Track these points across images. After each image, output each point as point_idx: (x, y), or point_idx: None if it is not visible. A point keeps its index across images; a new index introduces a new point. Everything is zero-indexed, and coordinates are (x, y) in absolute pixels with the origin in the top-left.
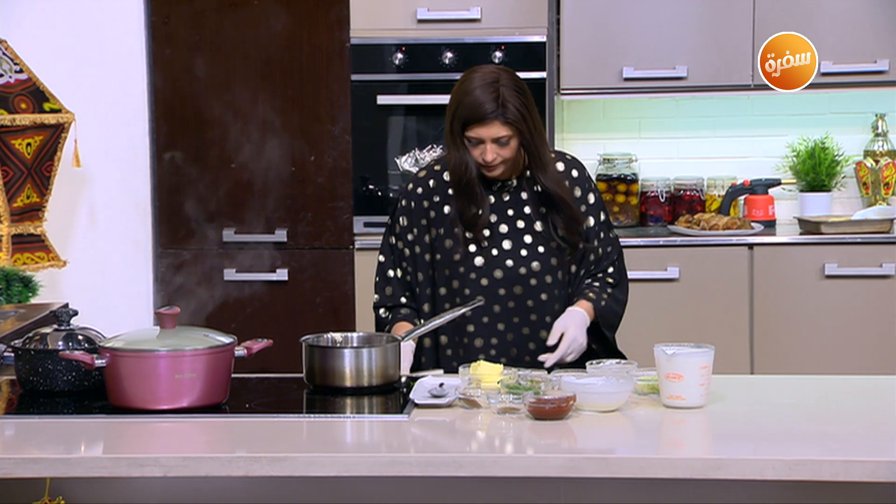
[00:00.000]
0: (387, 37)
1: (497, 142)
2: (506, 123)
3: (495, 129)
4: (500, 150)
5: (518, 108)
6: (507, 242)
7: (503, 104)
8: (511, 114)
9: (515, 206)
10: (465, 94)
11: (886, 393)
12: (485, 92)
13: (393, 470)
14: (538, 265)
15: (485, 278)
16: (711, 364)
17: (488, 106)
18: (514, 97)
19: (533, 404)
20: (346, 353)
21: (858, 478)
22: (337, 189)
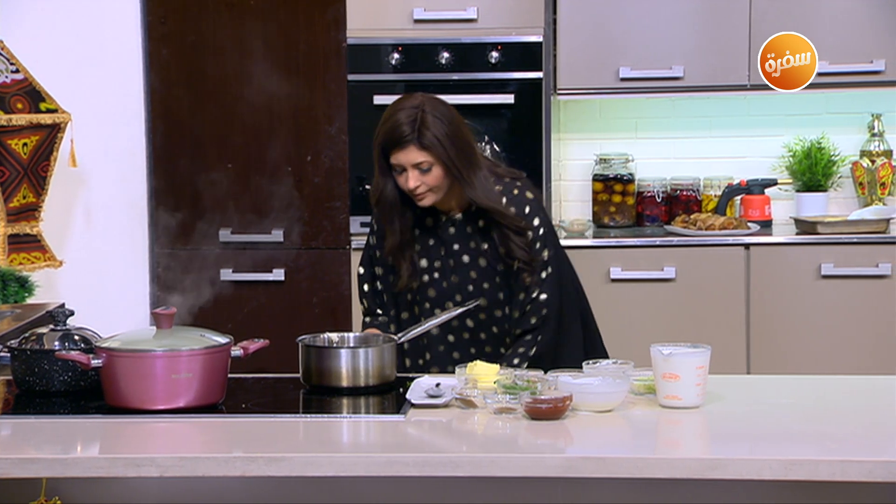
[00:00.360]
0: (383, 37)
1: (418, 167)
2: (422, 149)
3: (413, 155)
4: (424, 178)
5: (437, 134)
6: (455, 277)
7: (419, 129)
8: (427, 139)
9: (460, 240)
10: (385, 121)
11: (884, 393)
12: (403, 117)
13: (390, 470)
14: (485, 300)
15: (438, 308)
16: (708, 364)
17: (405, 129)
18: (435, 123)
19: (529, 404)
20: (342, 353)
21: (856, 478)
22: (333, 189)
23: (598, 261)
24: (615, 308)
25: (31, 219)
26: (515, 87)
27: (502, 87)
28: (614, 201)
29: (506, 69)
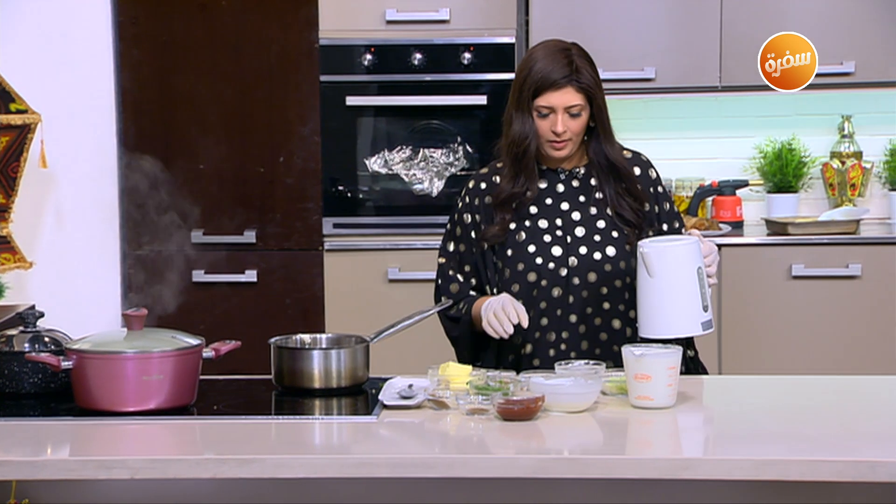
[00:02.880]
0: (356, 38)
1: (568, 112)
2: (579, 90)
3: (568, 97)
4: (570, 123)
5: (591, 74)
6: (581, 229)
7: (577, 69)
8: (585, 79)
9: (586, 192)
10: (536, 61)
11: (854, 393)
12: (557, 58)
13: (362, 471)
14: (613, 250)
15: (563, 268)
16: (679, 364)
17: (562, 71)
18: (587, 65)
19: (502, 405)
20: (314, 354)
21: (825, 477)
22: (306, 190)
23: None
24: None
25: (1, 220)
26: (488, 89)
27: (475, 88)
28: None
29: (478, 70)
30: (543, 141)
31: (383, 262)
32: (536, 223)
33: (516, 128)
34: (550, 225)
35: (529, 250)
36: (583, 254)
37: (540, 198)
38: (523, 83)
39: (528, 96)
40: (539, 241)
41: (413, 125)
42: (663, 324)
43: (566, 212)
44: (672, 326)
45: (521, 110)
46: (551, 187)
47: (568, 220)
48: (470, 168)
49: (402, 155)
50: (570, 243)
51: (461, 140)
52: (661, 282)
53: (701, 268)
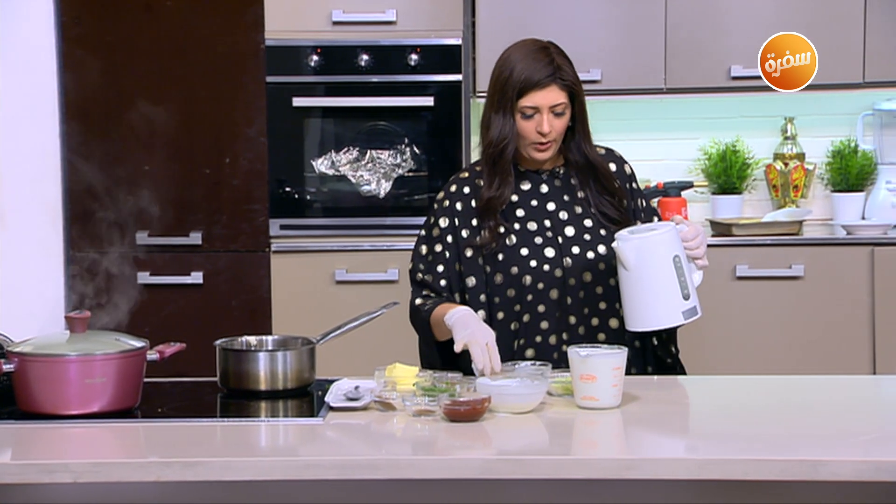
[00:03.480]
0: (302, 39)
1: (553, 111)
2: (563, 88)
3: (553, 95)
4: (555, 122)
5: (572, 72)
6: (570, 229)
7: (559, 67)
8: (568, 76)
9: (569, 192)
10: (517, 62)
11: (797, 392)
12: (538, 57)
13: (308, 473)
14: (604, 248)
15: (558, 268)
16: (624, 365)
17: (545, 70)
18: (566, 63)
19: (448, 406)
20: (260, 356)
21: (769, 476)
22: (253, 191)
23: None
24: None
25: None
26: (435, 90)
27: (422, 89)
28: None
29: (425, 72)
30: (527, 143)
31: (331, 263)
32: (525, 226)
33: (495, 130)
34: (540, 226)
35: (522, 253)
36: (576, 253)
37: (525, 200)
38: (505, 85)
39: (511, 97)
40: (531, 243)
41: (360, 126)
42: (644, 316)
43: (553, 212)
44: (652, 318)
45: (504, 112)
46: (535, 188)
47: (556, 221)
48: (417, 169)
49: (350, 156)
50: (562, 244)
51: (408, 141)
52: (637, 274)
53: (679, 255)
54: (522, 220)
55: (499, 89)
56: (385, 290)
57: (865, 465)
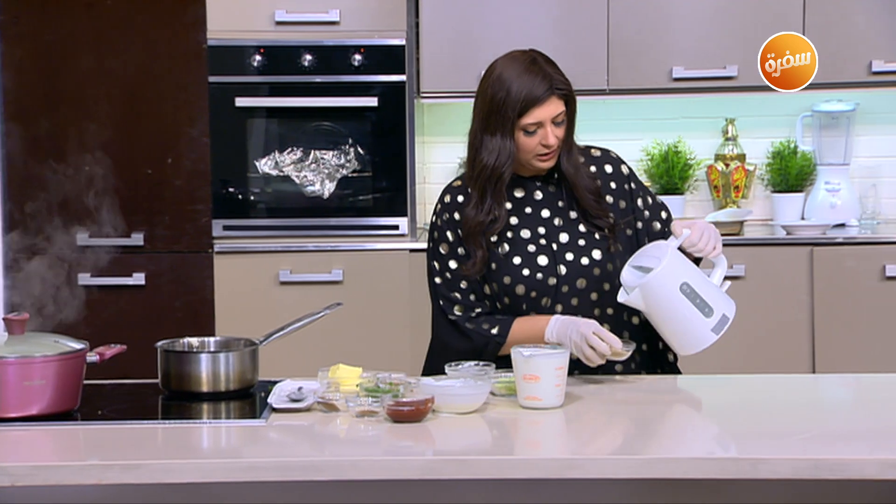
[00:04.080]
0: (245, 39)
1: (554, 122)
2: (561, 97)
3: (553, 107)
4: (557, 132)
5: (563, 78)
6: (564, 235)
7: (551, 77)
8: (562, 85)
9: (563, 197)
10: (512, 80)
11: (737, 391)
12: (531, 73)
13: (250, 475)
14: (599, 253)
15: (551, 277)
16: (567, 365)
17: (542, 83)
18: (555, 70)
19: (391, 407)
20: (202, 357)
21: (708, 475)
22: (195, 192)
23: None
24: None
25: None
26: (379, 90)
27: (366, 89)
28: None
29: (369, 72)
30: (531, 157)
31: (274, 264)
32: (519, 233)
33: (491, 155)
34: (533, 234)
35: (515, 262)
36: (569, 260)
37: (519, 207)
38: (503, 106)
39: (511, 118)
40: (523, 251)
41: (304, 127)
42: (681, 345)
43: (548, 219)
44: (687, 346)
45: (502, 134)
46: (529, 195)
47: (551, 228)
48: (362, 170)
49: (293, 156)
50: (556, 251)
51: (352, 142)
52: (653, 314)
53: (686, 281)
54: (516, 228)
55: (495, 111)
56: (329, 291)
57: (804, 463)
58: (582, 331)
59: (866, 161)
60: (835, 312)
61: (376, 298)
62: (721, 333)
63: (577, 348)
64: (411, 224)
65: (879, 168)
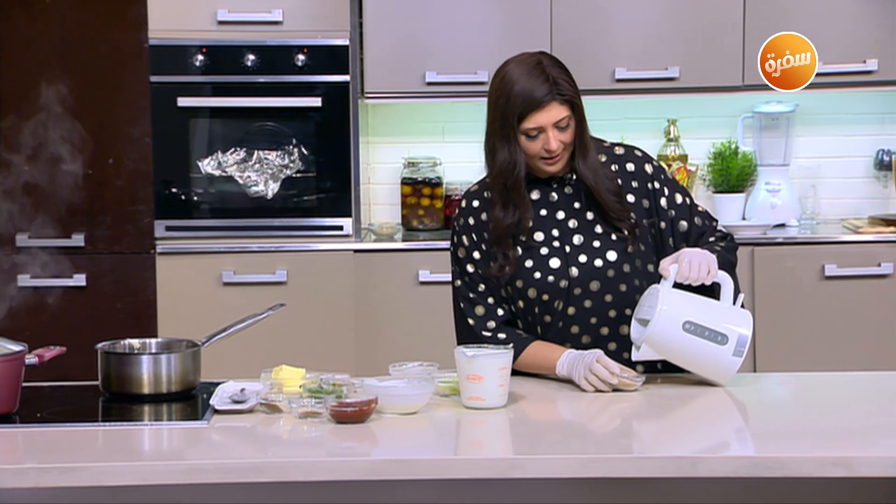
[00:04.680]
0: (187, 38)
1: (557, 126)
2: (563, 102)
3: (554, 112)
4: (562, 136)
5: (568, 82)
6: (578, 237)
7: (555, 82)
8: (565, 90)
9: (580, 198)
10: (513, 84)
11: (678, 391)
12: (532, 76)
13: (191, 477)
14: (614, 254)
15: (563, 280)
16: (510, 365)
17: (542, 88)
18: (562, 74)
19: (334, 408)
20: (143, 359)
21: (649, 474)
22: (137, 192)
23: (406, 263)
24: (425, 310)
25: None
26: (323, 91)
27: (309, 90)
28: (423, 204)
29: (312, 72)
30: (536, 159)
31: (218, 265)
32: (532, 236)
33: (503, 157)
34: (547, 237)
35: (527, 265)
36: (582, 262)
37: (534, 209)
38: (505, 109)
39: (512, 123)
40: (536, 254)
41: (247, 127)
42: (713, 378)
43: (562, 221)
44: (717, 377)
45: (507, 137)
46: (544, 197)
47: (565, 230)
48: (306, 170)
49: (237, 157)
50: (569, 253)
51: (296, 142)
52: (672, 357)
53: (688, 320)
54: (529, 231)
55: (499, 115)
56: (273, 292)
57: (743, 461)
58: (586, 361)
59: (806, 162)
60: (775, 312)
61: (320, 299)
62: (744, 355)
63: (585, 382)
64: (356, 224)
65: (819, 169)
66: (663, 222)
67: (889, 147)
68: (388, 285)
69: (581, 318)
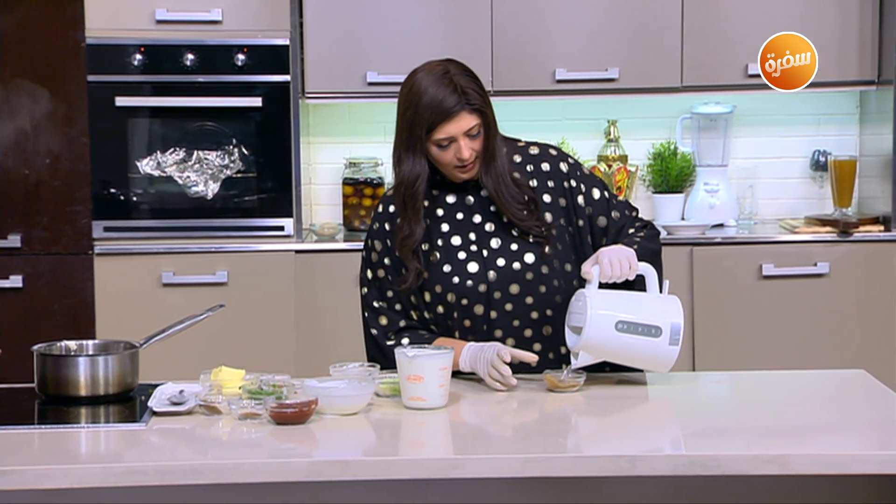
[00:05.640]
0: (125, 37)
1: (468, 135)
2: (473, 111)
3: (465, 122)
4: (473, 144)
5: (477, 90)
6: (496, 240)
7: (463, 91)
8: (474, 99)
9: (482, 210)
10: (421, 96)
11: (617, 391)
12: (441, 86)
13: (129, 480)
14: (532, 257)
15: (482, 284)
16: (451, 365)
17: (451, 98)
18: (470, 82)
19: (274, 409)
20: (80, 361)
21: (588, 473)
22: (75, 193)
23: (348, 264)
24: None
25: None
26: (263, 91)
27: (249, 90)
28: (364, 205)
29: (253, 72)
30: (450, 168)
31: (157, 266)
32: (449, 241)
33: (406, 168)
34: (464, 241)
35: (445, 270)
36: (501, 266)
37: (451, 213)
38: (413, 121)
39: (420, 134)
40: (454, 259)
41: (186, 127)
42: (655, 369)
43: (479, 225)
44: (657, 369)
45: (413, 149)
46: (460, 201)
47: (482, 233)
48: (246, 170)
49: (176, 157)
50: (487, 257)
51: (236, 142)
52: (610, 359)
53: (620, 320)
54: (446, 235)
55: (406, 127)
56: (213, 293)
57: (681, 460)
58: (487, 357)
59: (744, 162)
60: (713, 311)
61: (261, 300)
62: (679, 343)
63: (490, 379)
64: (297, 225)
65: (756, 169)
66: (581, 220)
67: (825, 148)
68: (330, 286)
69: (503, 322)
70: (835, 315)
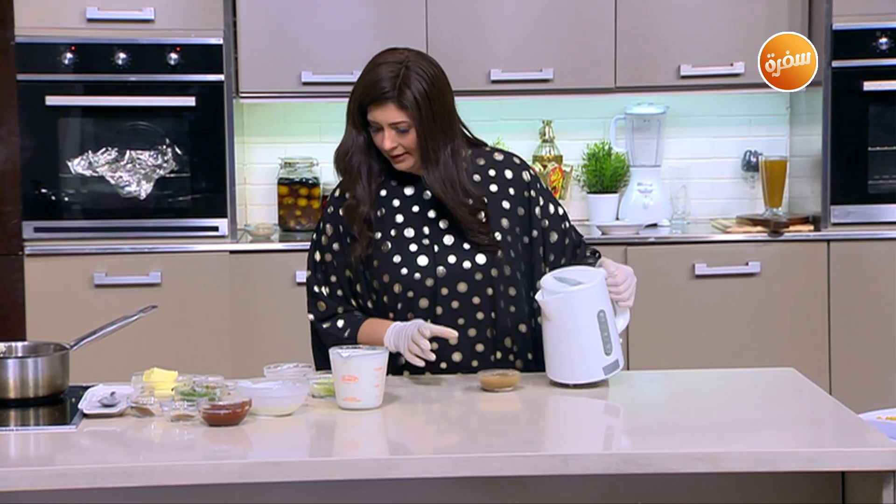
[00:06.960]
0: (55, 36)
1: (395, 127)
2: (401, 108)
3: (391, 114)
4: (400, 139)
5: (417, 95)
6: (449, 237)
7: (400, 87)
8: (407, 99)
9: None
10: (367, 72)
11: (553, 390)
12: (383, 72)
13: (59, 483)
14: (483, 258)
15: (429, 278)
16: (385, 365)
17: (385, 85)
18: (417, 82)
19: (207, 410)
20: (9, 363)
21: (522, 472)
22: (4, 193)
23: (283, 264)
24: (302, 312)
25: None
26: (196, 90)
27: (182, 89)
28: (300, 205)
29: (186, 71)
30: (385, 154)
31: (89, 266)
32: (402, 232)
33: (345, 137)
34: (417, 234)
35: (395, 261)
36: (451, 263)
37: (406, 205)
38: (351, 96)
39: (354, 107)
40: (404, 250)
41: (119, 126)
42: (564, 371)
43: (433, 220)
44: (572, 374)
45: (353, 121)
46: (418, 194)
47: (435, 229)
48: (180, 170)
49: (108, 157)
50: (438, 252)
51: (170, 142)
52: (559, 328)
53: (604, 310)
54: (400, 226)
55: (350, 100)
56: (146, 294)
57: (613, 458)
58: (408, 332)
59: (676, 163)
60: (647, 310)
61: (196, 301)
62: (609, 376)
63: (409, 354)
64: (231, 225)
65: (689, 169)
66: (535, 231)
67: (756, 148)
68: (265, 286)
69: (448, 319)
70: (766, 314)
